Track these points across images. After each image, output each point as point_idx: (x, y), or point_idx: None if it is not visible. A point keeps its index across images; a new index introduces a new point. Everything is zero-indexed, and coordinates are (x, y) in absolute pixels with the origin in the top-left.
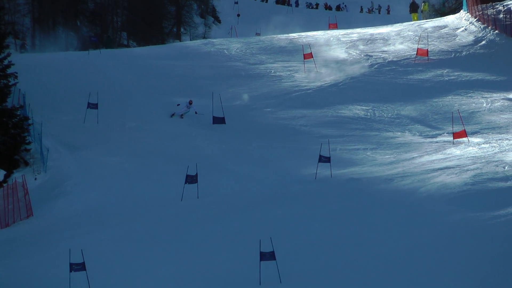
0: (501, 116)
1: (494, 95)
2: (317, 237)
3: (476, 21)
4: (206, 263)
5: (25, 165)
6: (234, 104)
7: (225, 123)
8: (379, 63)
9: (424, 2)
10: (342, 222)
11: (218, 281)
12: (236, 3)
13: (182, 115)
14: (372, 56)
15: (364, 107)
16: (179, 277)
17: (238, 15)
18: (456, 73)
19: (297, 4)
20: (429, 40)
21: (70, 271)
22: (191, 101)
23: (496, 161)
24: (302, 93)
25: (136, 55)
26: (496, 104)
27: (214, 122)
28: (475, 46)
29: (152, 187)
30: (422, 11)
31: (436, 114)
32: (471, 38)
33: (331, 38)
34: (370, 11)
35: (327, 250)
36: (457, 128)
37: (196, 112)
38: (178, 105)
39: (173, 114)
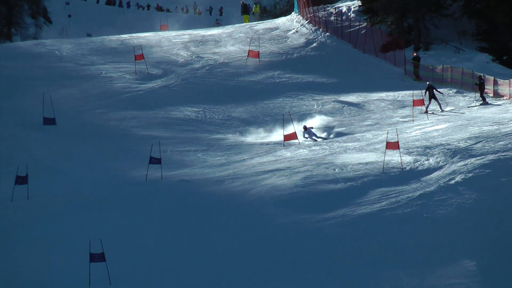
0: (332, 118)
1: (325, 97)
2: (148, 238)
3: (307, 23)
4: (35, 264)
5: None
6: (65, 105)
7: (55, 124)
8: (210, 64)
9: (255, 4)
10: (173, 223)
11: (48, 282)
12: (68, 3)
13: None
14: (203, 57)
15: (195, 109)
16: (7, 278)
17: (69, 16)
18: (287, 75)
19: (128, 5)
20: (260, 42)
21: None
22: (304, 126)
23: (327, 163)
24: (133, 94)
25: None
26: (326, 107)
27: (44, 123)
28: (306, 48)
29: None
30: (253, 13)
31: (267, 116)
32: (302, 40)
33: (163, 39)
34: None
35: (158, 251)
36: (288, 130)
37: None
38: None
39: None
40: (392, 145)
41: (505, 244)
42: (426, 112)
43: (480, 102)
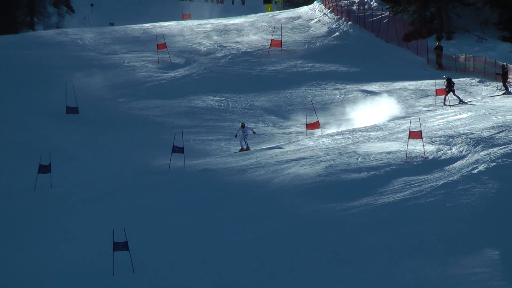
0: (354, 107)
1: (348, 86)
2: (171, 228)
3: (329, 12)
4: (59, 253)
5: None
6: (88, 94)
7: (78, 113)
8: (232, 53)
9: None
10: (196, 212)
11: (71, 272)
12: None
13: (247, 146)
14: (226, 47)
15: (218, 98)
16: (32, 267)
17: (92, 5)
18: (310, 64)
19: None
20: (282, 31)
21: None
22: (242, 124)
23: (349, 152)
24: (156, 83)
25: None
26: (349, 96)
27: (67, 112)
28: (329, 37)
29: (4, 176)
30: (275, 2)
31: (289, 105)
32: (324, 29)
33: (185, 29)
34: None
35: (181, 240)
36: (311, 119)
37: (254, 132)
38: (236, 136)
39: (241, 149)
40: (415, 134)
41: None
42: (444, 104)
43: (503, 92)
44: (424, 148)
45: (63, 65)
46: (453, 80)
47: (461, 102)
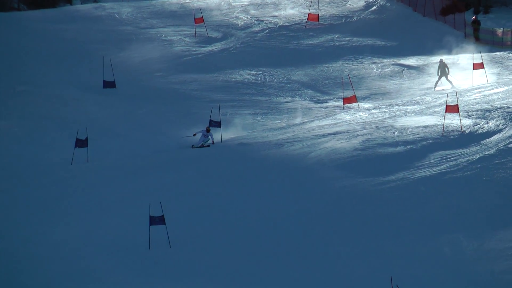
0: (391, 81)
1: (384, 60)
2: (207, 202)
3: None
4: (96, 227)
5: None
6: (125, 68)
7: (115, 87)
8: (270, 28)
9: None
10: (233, 187)
11: (108, 245)
12: None
13: (202, 145)
14: (263, 21)
15: (255, 72)
16: (70, 240)
17: None
18: (347, 39)
19: None
20: (320, 5)
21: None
22: (208, 128)
23: (386, 126)
24: (193, 57)
25: (26, 18)
26: (386, 70)
27: (104, 86)
28: (366, 12)
29: (42, 150)
30: None
31: (326, 79)
32: (362, 3)
33: (222, 3)
34: None
35: (218, 215)
36: (347, 94)
37: (213, 142)
38: (195, 135)
39: (192, 146)
40: (452, 108)
41: None
42: (435, 88)
43: None
44: (461, 122)
45: (101, 40)
46: (493, 53)
47: (453, 86)
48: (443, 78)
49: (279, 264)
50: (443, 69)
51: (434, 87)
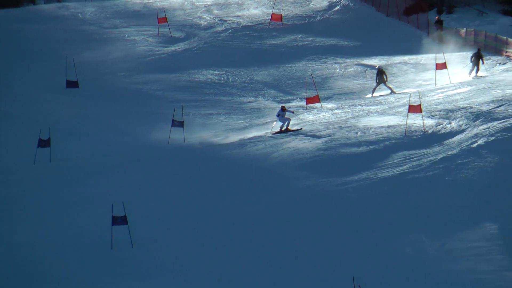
0: (354, 81)
1: (348, 60)
2: (170, 202)
3: None
4: (58, 227)
5: None
6: (88, 68)
7: (78, 87)
8: (233, 28)
9: None
10: (196, 187)
11: (70, 245)
12: None
13: (287, 128)
14: (226, 21)
15: (218, 72)
16: (32, 241)
17: None
18: (310, 39)
19: None
20: (283, 5)
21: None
22: (283, 107)
23: (349, 126)
24: (156, 57)
25: None
26: (349, 70)
27: (67, 86)
28: (329, 12)
29: (4, 150)
30: None
31: (289, 79)
32: (325, 3)
33: (186, 3)
34: None
35: (181, 214)
36: (310, 94)
37: (293, 112)
38: (275, 121)
39: (280, 130)
40: (415, 109)
41: None
42: (372, 94)
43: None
44: (423, 122)
45: (64, 39)
46: (456, 53)
47: (392, 92)
48: (382, 84)
49: (240, 263)
50: (381, 76)
51: (372, 94)
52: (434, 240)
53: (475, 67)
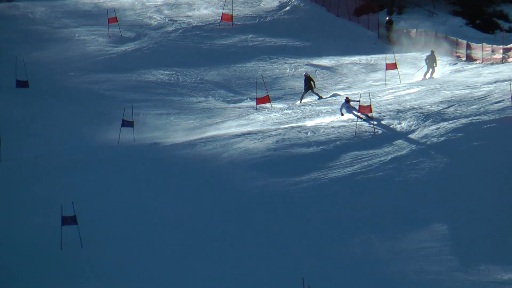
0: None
1: (298, 61)
2: (120, 202)
3: None
4: (7, 227)
5: None
6: (38, 68)
7: (28, 86)
8: (183, 28)
9: None
10: (145, 187)
11: (19, 245)
12: None
13: (358, 116)
14: (176, 21)
15: (168, 72)
16: None
17: None
18: (260, 39)
19: None
20: (233, 5)
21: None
22: (347, 98)
23: (299, 127)
24: (106, 57)
25: None
26: (299, 70)
27: (17, 86)
28: (279, 12)
29: None
30: None
31: (239, 79)
32: (275, 3)
33: (136, 3)
34: None
35: (130, 215)
36: (261, 94)
37: (359, 101)
38: (343, 115)
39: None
40: (365, 109)
41: (476, 207)
42: (300, 101)
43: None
44: (373, 122)
45: (14, 39)
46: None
47: (320, 98)
48: (309, 91)
49: (190, 264)
50: (308, 83)
51: (300, 101)
52: (384, 240)
53: (430, 69)
